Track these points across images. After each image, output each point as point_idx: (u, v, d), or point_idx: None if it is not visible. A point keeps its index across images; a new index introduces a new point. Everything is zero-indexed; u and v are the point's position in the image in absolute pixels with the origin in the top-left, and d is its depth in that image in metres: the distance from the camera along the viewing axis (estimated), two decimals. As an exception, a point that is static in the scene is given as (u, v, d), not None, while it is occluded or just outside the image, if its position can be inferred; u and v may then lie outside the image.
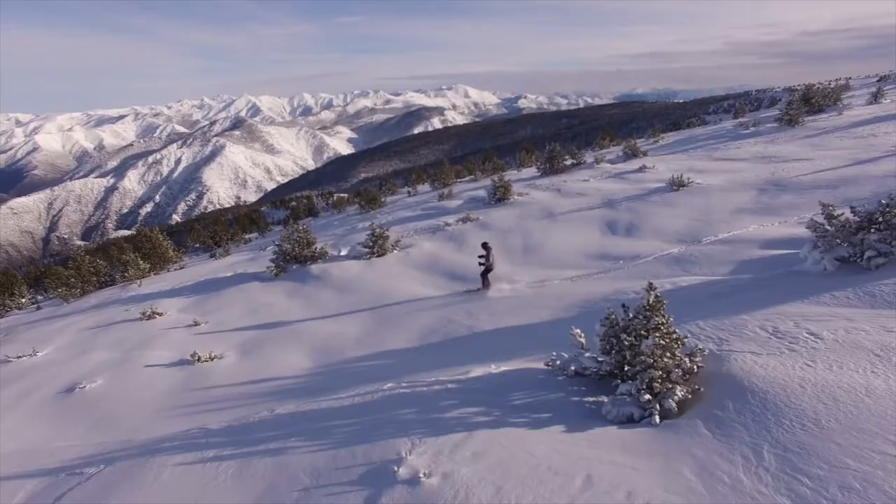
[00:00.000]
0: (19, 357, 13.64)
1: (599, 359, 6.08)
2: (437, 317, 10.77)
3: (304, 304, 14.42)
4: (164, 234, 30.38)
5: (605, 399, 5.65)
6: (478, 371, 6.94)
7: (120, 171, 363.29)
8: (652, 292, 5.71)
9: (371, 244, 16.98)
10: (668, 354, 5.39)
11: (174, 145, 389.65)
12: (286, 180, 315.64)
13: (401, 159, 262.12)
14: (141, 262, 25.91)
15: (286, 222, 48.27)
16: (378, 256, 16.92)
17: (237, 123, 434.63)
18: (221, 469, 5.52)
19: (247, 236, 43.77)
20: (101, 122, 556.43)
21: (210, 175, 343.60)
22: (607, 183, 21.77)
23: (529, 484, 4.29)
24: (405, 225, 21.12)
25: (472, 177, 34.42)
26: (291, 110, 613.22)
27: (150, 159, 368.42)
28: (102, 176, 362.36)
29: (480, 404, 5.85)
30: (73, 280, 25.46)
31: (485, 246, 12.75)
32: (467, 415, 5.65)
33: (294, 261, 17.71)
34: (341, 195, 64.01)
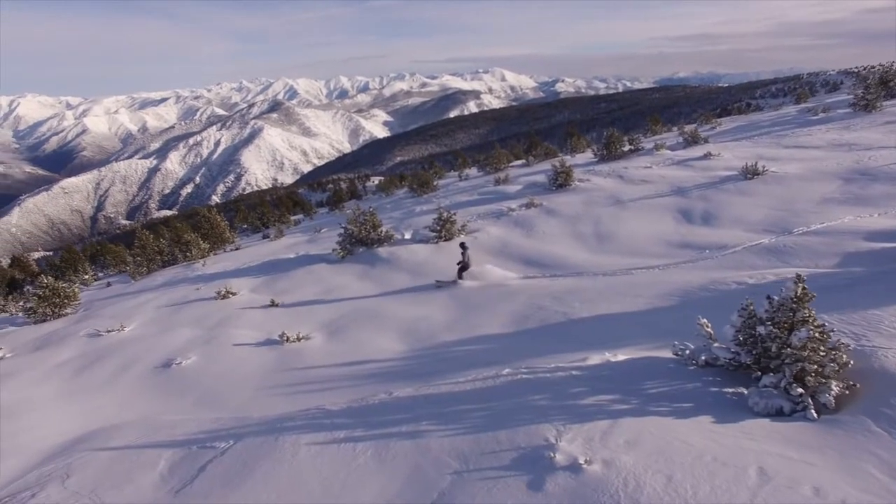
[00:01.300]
0: (108, 331, 14.20)
1: (733, 349, 5.93)
2: (524, 303, 10.71)
3: (377, 286, 14.55)
4: (222, 216, 31.11)
5: (746, 391, 5.52)
6: (595, 359, 6.86)
7: (162, 153, 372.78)
8: (800, 284, 5.50)
9: (438, 228, 16.98)
10: (822, 348, 5.22)
11: (214, 128, 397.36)
12: (322, 163, 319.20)
13: (437, 143, 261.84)
14: (202, 242, 26.64)
15: (332, 205, 48.93)
16: (445, 241, 16.92)
17: (275, 106, 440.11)
18: (358, 450, 5.61)
19: (292, 218, 44.46)
20: (144, 104, 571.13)
21: (248, 157, 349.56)
22: (672, 170, 21.22)
23: (700, 474, 4.21)
24: (466, 209, 21.03)
25: (523, 161, 34.03)
26: (328, 93, 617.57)
27: (191, 141, 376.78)
28: (146, 157, 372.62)
29: (613, 392, 5.79)
30: (139, 259, 26.34)
31: (462, 245, 13.68)
32: (604, 402, 5.59)
33: (360, 244, 17.87)
34: (390, 177, 64.19)
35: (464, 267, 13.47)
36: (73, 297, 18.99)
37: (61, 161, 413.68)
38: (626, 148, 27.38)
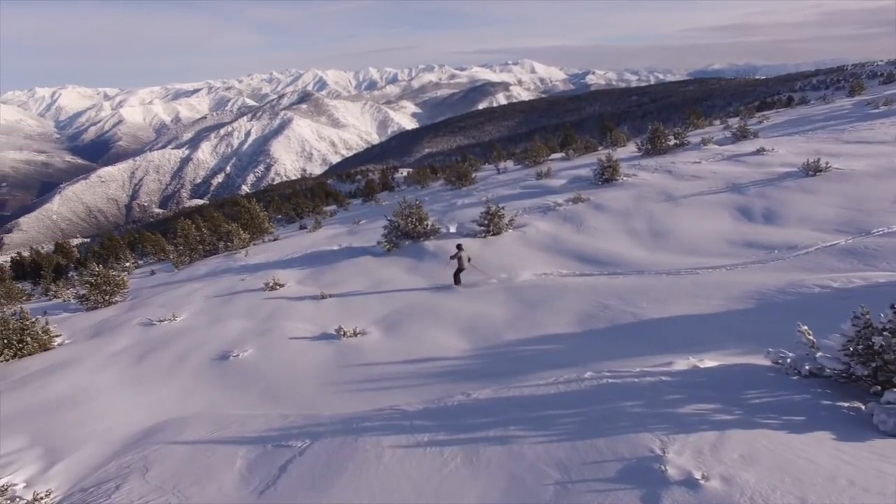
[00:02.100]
0: (161, 321, 14.34)
1: (843, 360, 5.56)
2: (587, 301, 10.39)
3: (426, 280, 14.38)
4: (261, 206, 31.37)
5: (864, 406, 5.16)
6: (680, 363, 6.55)
7: (194, 143, 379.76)
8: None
9: (486, 222, 16.72)
10: (954, 362, 4.82)
11: (244, 118, 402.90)
12: (351, 154, 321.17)
13: (465, 135, 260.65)
14: (242, 232, 26.88)
15: (365, 196, 48.99)
16: (493, 235, 16.66)
17: (304, 97, 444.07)
18: (447, 455, 5.41)
19: (326, 209, 44.66)
20: (177, 95, 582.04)
21: (278, 147, 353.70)
22: (723, 166, 20.52)
23: (838, 500, 3.90)
24: (509, 203, 20.68)
25: (563, 155, 33.44)
26: (357, 84, 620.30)
27: (222, 132, 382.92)
28: (178, 147, 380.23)
29: (712, 401, 5.47)
30: (181, 248, 26.72)
31: (458, 247, 13.74)
32: (704, 412, 5.29)
33: (406, 237, 17.73)
34: (419, 168, 64.04)
35: (459, 269, 13.56)
36: (122, 286, 19.32)
37: (99, 150, 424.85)
38: (672, 142, 26.65)
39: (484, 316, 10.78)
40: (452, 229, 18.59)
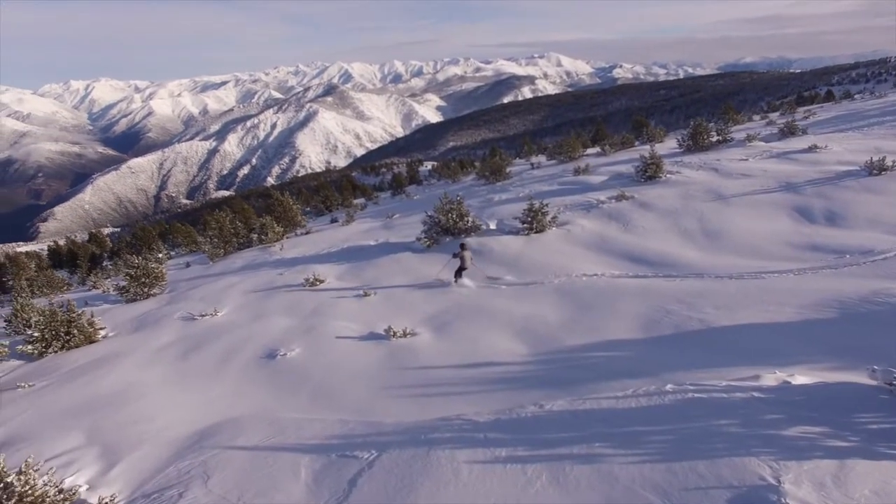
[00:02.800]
0: (202, 315, 14.27)
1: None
2: (646, 304, 9.93)
3: (470, 279, 14.02)
4: (293, 199, 31.36)
5: None
6: (768, 378, 6.09)
7: (221, 135, 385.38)
8: None
9: (529, 220, 16.30)
10: None
11: (270, 111, 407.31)
12: (375, 147, 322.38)
13: (490, 129, 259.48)
14: (276, 225, 26.85)
15: (394, 189, 48.80)
16: (537, 233, 16.23)
17: (329, 90, 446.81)
18: (530, 474, 5.07)
19: (355, 202, 44.58)
20: (205, 88, 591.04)
21: (303, 140, 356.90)
22: (773, 164, 19.72)
23: None
24: (548, 200, 20.16)
25: (598, 150, 32.72)
26: (382, 77, 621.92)
27: (248, 124, 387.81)
28: (205, 139, 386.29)
29: (819, 423, 5.03)
30: (215, 240, 26.82)
31: (462, 246, 14.06)
32: (812, 435, 4.85)
33: (446, 233, 17.41)
34: (445, 161, 63.68)
35: (461, 268, 13.83)
36: (161, 278, 19.39)
37: (129, 142, 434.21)
38: (714, 139, 25.79)
39: (537, 317, 10.39)
40: (492, 226, 18.20)
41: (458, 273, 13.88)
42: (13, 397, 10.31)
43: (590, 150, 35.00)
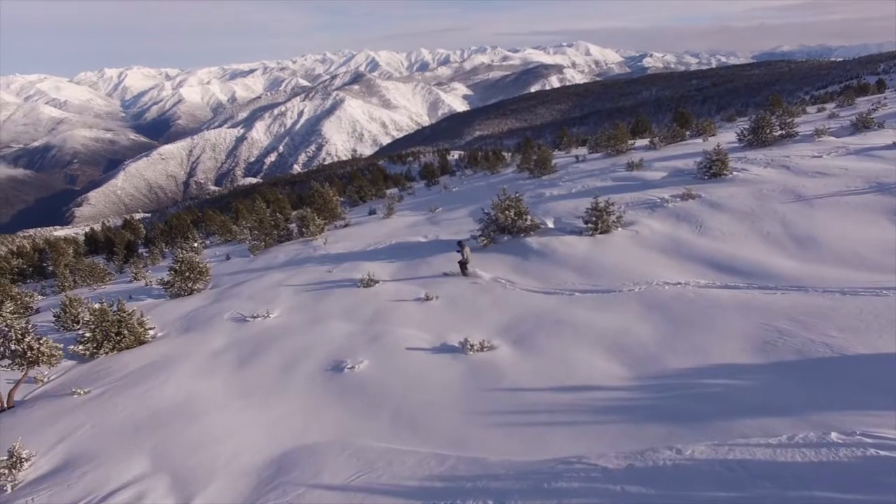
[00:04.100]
0: (254, 317, 13.66)
1: None
2: (752, 323, 8.89)
3: (539, 283, 13.12)
4: (333, 190, 30.77)
5: None
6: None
7: (249, 122, 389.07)
8: None
9: (594, 219, 15.28)
10: None
11: (297, 98, 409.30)
12: (401, 135, 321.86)
13: (517, 118, 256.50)
14: (317, 217, 26.25)
15: (428, 179, 47.91)
16: (602, 233, 15.21)
17: (356, 78, 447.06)
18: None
19: (388, 192, 43.83)
20: (234, 75, 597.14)
21: (329, 128, 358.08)
22: (852, 161, 18.28)
23: None
24: (606, 197, 19.15)
25: (647, 143, 31.28)
26: (409, 65, 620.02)
27: (276, 111, 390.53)
28: (233, 126, 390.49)
29: None
30: (255, 232, 26.37)
31: (459, 244, 14.82)
32: None
33: (502, 231, 16.51)
34: (472, 150, 62.53)
35: (464, 262, 14.46)
36: (206, 273, 18.93)
37: (160, 129, 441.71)
38: (777, 133, 24.24)
39: (628, 332, 9.44)
40: (550, 224, 17.23)
41: (464, 266, 14.45)
42: (70, 406, 9.81)
43: (638, 143, 33.58)
